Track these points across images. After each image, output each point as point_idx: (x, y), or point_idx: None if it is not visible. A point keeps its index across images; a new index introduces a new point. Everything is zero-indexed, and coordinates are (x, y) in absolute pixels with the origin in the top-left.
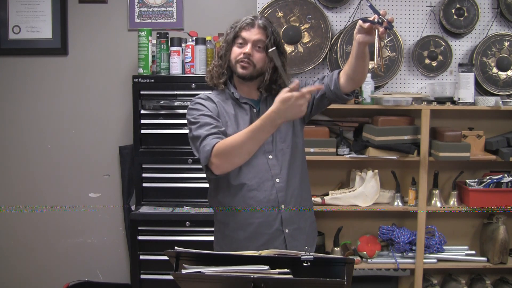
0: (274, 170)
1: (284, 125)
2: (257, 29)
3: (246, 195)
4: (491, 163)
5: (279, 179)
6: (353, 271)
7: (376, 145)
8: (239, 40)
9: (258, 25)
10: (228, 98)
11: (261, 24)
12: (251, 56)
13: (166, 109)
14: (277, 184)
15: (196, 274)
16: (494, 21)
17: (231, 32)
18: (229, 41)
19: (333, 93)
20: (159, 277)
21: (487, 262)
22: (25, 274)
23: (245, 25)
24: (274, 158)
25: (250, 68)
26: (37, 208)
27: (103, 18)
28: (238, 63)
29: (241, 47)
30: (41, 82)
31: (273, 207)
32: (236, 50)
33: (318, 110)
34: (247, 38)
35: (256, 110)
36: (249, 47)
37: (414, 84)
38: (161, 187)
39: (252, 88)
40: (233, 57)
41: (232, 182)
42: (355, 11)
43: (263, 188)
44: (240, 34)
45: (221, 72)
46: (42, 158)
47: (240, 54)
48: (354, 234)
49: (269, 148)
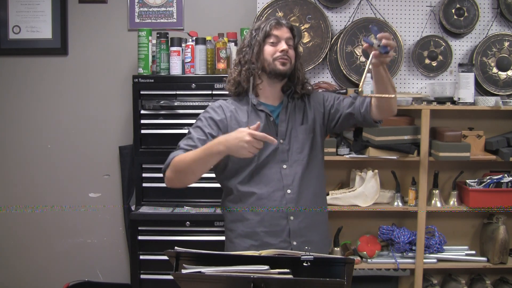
0: (286, 180)
1: (303, 135)
2: (285, 28)
3: (255, 203)
4: (491, 163)
5: (290, 190)
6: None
7: (376, 145)
8: (270, 39)
9: (284, 24)
10: (245, 104)
11: (287, 24)
12: (288, 52)
13: (166, 109)
14: (288, 195)
15: (196, 274)
16: (494, 21)
17: (259, 32)
18: (259, 41)
19: (362, 116)
20: (159, 277)
21: (487, 262)
22: (25, 274)
23: (275, 24)
24: (288, 168)
25: (288, 64)
26: (37, 208)
27: (103, 18)
28: (276, 60)
29: (274, 45)
30: (41, 82)
31: (281, 218)
32: (270, 48)
33: (342, 128)
34: (280, 35)
35: (272, 118)
36: (285, 43)
37: (414, 84)
38: (161, 187)
39: (277, 90)
40: (268, 56)
41: (242, 189)
42: (355, 11)
43: (272, 198)
44: (272, 32)
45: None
46: (42, 158)
47: (277, 52)
48: (354, 234)
49: (284, 157)
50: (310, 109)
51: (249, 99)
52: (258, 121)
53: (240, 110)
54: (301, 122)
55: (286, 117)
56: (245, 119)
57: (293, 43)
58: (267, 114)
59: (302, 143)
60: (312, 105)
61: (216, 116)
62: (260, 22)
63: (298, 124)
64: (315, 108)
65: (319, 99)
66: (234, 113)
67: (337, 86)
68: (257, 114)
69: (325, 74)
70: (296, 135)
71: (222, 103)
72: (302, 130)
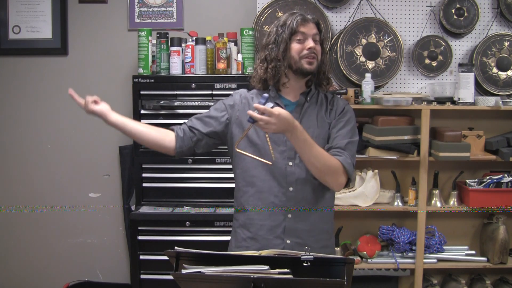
0: (290, 177)
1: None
2: (311, 24)
3: (256, 195)
4: (491, 163)
5: (292, 188)
6: (353, 271)
7: (376, 145)
8: (297, 36)
9: (310, 20)
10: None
11: (313, 19)
12: (315, 49)
13: (166, 109)
14: (289, 192)
15: (196, 274)
16: (494, 21)
17: (285, 29)
18: (286, 39)
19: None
20: (159, 277)
21: (487, 262)
22: (25, 274)
23: (301, 20)
24: (294, 166)
25: (315, 63)
26: (37, 208)
27: (103, 18)
28: (303, 58)
29: (301, 42)
30: (41, 82)
31: (279, 214)
32: (297, 46)
33: None
34: (307, 32)
35: None
36: (312, 41)
37: (414, 84)
38: (161, 187)
39: (301, 85)
40: (295, 54)
41: (246, 180)
42: (355, 11)
43: (273, 193)
44: (299, 29)
45: (278, 72)
46: (42, 158)
47: (304, 50)
48: (354, 234)
49: (291, 154)
50: (328, 114)
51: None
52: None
53: (257, 99)
54: (316, 125)
55: (299, 115)
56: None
57: (320, 38)
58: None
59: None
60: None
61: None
62: (286, 18)
63: (311, 125)
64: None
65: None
66: (249, 100)
67: (337, 86)
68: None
69: None
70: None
71: (242, 91)
72: (316, 132)
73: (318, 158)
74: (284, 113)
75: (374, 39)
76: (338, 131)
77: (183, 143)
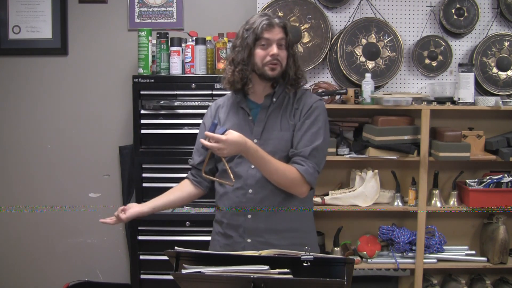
0: (249, 180)
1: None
2: (277, 28)
3: (223, 196)
4: (491, 163)
5: (252, 190)
6: (353, 271)
7: (376, 145)
8: (261, 42)
9: (276, 24)
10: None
11: (279, 22)
12: (278, 56)
13: (166, 109)
14: (249, 194)
15: (196, 274)
16: (494, 21)
17: (250, 34)
18: (250, 44)
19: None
20: (159, 277)
21: (487, 262)
22: (25, 274)
23: (265, 26)
24: (255, 169)
25: (278, 69)
26: (37, 208)
27: (103, 18)
28: (266, 65)
29: (265, 48)
30: (41, 82)
31: (240, 215)
32: (261, 52)
33: None
34: (271, 38)
35: (251, 117)
36: (275, 47)
37: (414, 84)
38: (161, 187)
39: (266, 87)
40: (259, 60)
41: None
42: (355, 11)
43: (235, 194)
44: (263, 35)
45: (244, 76)
46: (42, 158)
47: (267, 56)
48: (354, 234)
49: None
50: (292, 116)
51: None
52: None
53: (225, 106)
54: (279, 128)
55: (265, 117)
56: (224, 116)
57: (286, 42)
58: (247, 113)
59: (276, 147)
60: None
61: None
62: (253, 21)
63: (275, 128)
64: (297, 118)
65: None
66: (220, 109)
67: (337, 86)
68: (237, 112)
69: (325, 74)
70: (271, 137)
71: (214, 103)
72: (279, 135)
73: (276, 172)
74: (233, 137)
75: (374, 39)
76: (302, 136)
77: (204, 182)
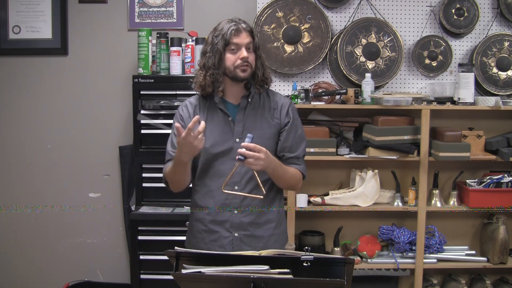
0: (235, 177)
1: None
2: (244, 33)
3: (207, 194)
4: (491, 163)
5: (237, 187)
6: (353, 271)
7: (376, 145)
8: (231, 47)
9: (243, 29)
10: (208, 102)
11: (246, 27)
12: (248, 58)
13: (166, 109)
14: (235, 191)
15: (196, 274)
16: (494, 21)
17: (220, 40)
18: (220, 50)
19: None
20: (159, 277)
21: (487, 262)
22: (25, 274)
23: (234, 31)
24: (240, 166)
25: (249, 70)
26: (37, 208)
27: (103, 18)
28: (237, 68)
29: (235, 52)
30: (41, 82)
31: (226, 210)
32: (231, 57)
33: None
34: (240, 43)
35: (231, 118)
36: (245, 51)
37: (414, 84)
38: (161, 187)
39: (239, 89)
40: (230, 64)
41: (197, 181)
42: (355, 11)
43: (220, 192)
44: (232, 41)
45: (215, 80)
46: (42, 158)
47: (237, 60)
48: (354, 234)
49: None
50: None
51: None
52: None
53: (202, 107)
54: (261, 126)
55: (243, 117)
56: (203, 118)
57: (253, 45)
58: (226, 114)
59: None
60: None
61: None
62: (221, 27)
63: (256, 126)
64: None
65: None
66: (197, 111)
67: (337, 86)
68: (215, 113)
69: (325, 74)
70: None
71: (187, 102)
72: (260, 133)
73: (291, 177)
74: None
75: (374, 39)
76: (292, 139)
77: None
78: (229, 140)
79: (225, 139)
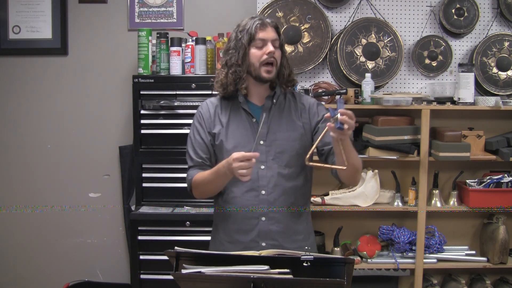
0: (262, 181)
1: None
2: (270, 28)
3: (230, 201)
4: (491, 163)
5: (264, 191)
6: (353, 271)
7: (376, 145)
8: (256, 42)
9: (269, 24)
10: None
11: (271, 23)
12: (274, 54)
13: (166, 109)
14: (262, 196)
15: (196, 274)
16: (494, 21)
17: (244, 35)
18: (245, 44)
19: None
20: (159, 277)
21: (487, 262)
22: (25, 274)
23: (259, 26)
24: (265, 170)
25: (274, 71)
26: (37, 208)
27: (103, 18)
28: (263, 65)
29: (261, 48)
30: (41, 82)
31: (253, 218)
32: (256, 52)
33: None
34: (265, 38)
35: (255, 119)
36: (271, 45)
37: (414, 84)
38: (161, 187)
39: (264, 89)
40: (255, 60)
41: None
42: (355, 11)
43: (246, 197)
44: (257, 36)
45: (238, 77)
46: (42, 158)
47: (263, 55)
48: (354, 234)
49: (263, 158)
50: (298, 115)
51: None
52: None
53: (224, 109)
54: (285, 128)
55: (268, 119)
56: (225, 119)
57: (279, 42)
58: (250, 115)
59: (283, 148)
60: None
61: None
62: (245, 23)
63: (282, 128)
64: (305, 117)
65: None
66: (218, 111)
67: (337, 86)
68: (239, 114)
69: (325, 74)
70: (277, 138)
71: (208, 102)
72: (285, 135)
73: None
74: None
75: (374, 39)
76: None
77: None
78: (252, 142)
79: (248, 141)
